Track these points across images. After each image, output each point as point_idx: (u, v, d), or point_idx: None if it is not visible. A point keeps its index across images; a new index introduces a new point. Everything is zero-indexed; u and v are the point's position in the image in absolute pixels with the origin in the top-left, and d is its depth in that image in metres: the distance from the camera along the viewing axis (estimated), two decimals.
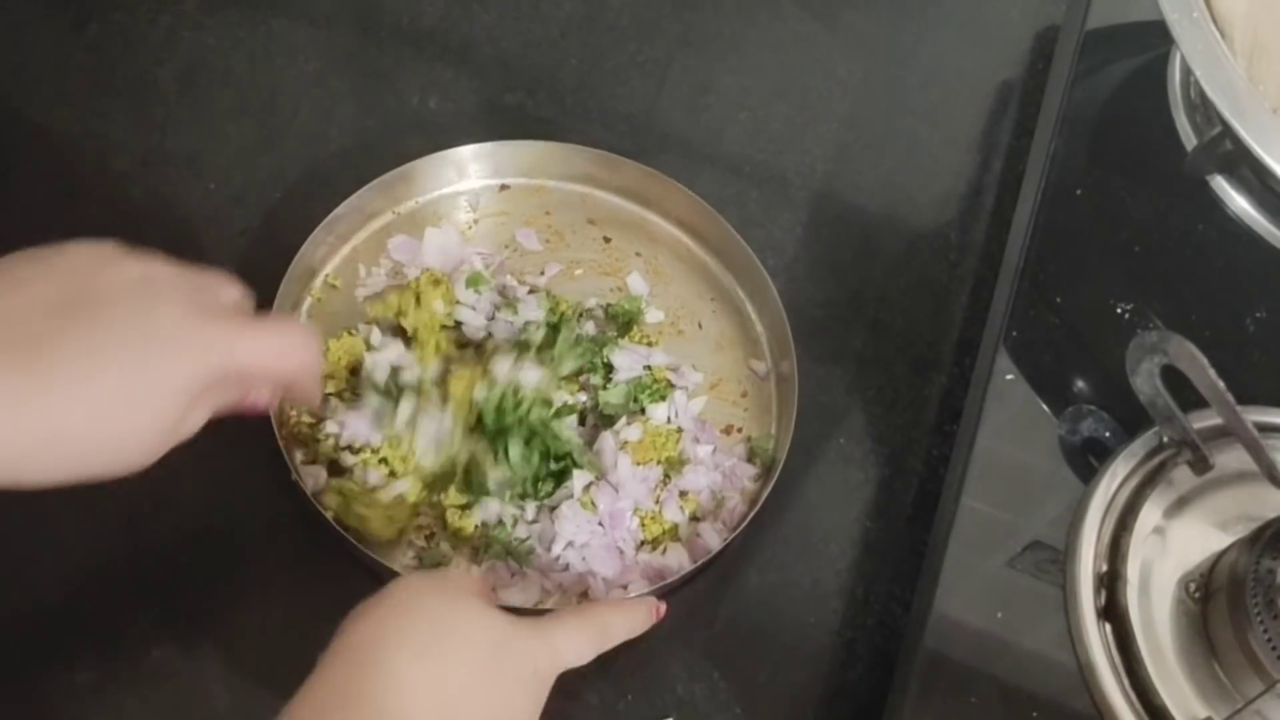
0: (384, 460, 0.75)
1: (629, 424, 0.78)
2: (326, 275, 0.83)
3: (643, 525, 0.76)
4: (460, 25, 0.98)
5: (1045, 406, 0.80)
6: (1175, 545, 0.73)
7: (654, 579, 0.74)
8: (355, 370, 0.78)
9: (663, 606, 0.69)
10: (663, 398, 0.80)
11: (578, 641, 0.63)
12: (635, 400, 0.80)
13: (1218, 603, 0.69)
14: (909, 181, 0.95)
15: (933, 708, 0.69)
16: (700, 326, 0.86)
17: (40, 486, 0.53)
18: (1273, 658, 0.65)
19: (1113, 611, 0.70)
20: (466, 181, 0.88)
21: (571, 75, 0.97)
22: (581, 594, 0.74)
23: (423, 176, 0.86)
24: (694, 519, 0.78)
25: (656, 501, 0.77)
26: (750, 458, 0.80)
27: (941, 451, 0.82)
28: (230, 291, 0.60)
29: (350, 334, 0.79)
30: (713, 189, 0.91)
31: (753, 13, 1.02)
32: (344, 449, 0.75)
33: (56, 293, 0.54)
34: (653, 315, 0.85)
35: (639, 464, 0.77)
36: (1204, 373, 0.70)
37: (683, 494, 0.78)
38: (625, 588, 0.74)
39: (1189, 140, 0.91)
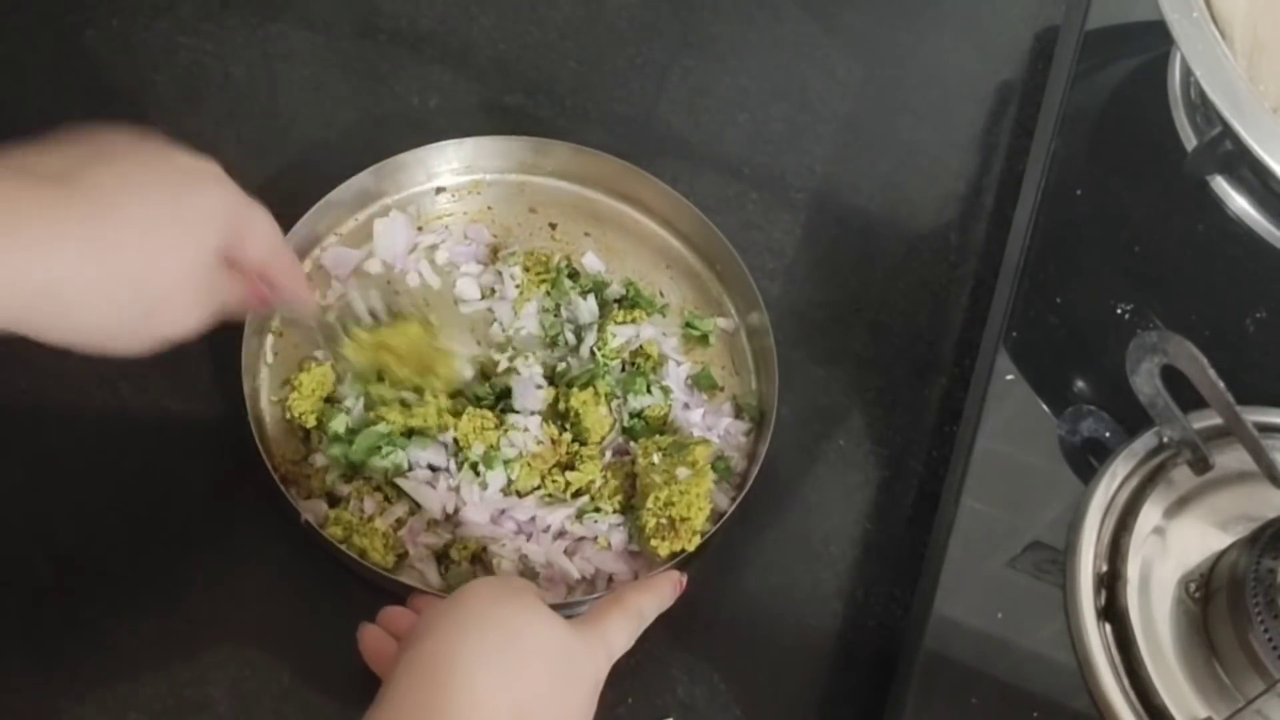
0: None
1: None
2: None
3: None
4: (459, 28, 0.98)
5: (1045, 406, 0.80)
6: (1175, 545, 0.73)
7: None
8: (329, 399, 0.77)
9: (684, 578, 0.70)
10: (654, 370, 0.82)
11: (624, 632, 0.65)
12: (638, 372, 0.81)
13: (1218, 603, 0.69)
14: (908, 182, 0.95)
15: (933, 708, 0.69)
16: (662, 294, 0.86)
17: (89, 335, 0.55)
18: (1273, 657, 0.65)
19: (1113, 611, 0.70)
20: (404, 191, 0.87)
21: (570, 77, 0.97)
22: (608, 579, 0.75)
23: (355, 195, 0.85)
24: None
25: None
26: (738, 414, 0.81)
27: (941, 452, 0.82)
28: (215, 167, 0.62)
29: (318, 364, 0.78)
30: (712, 191, 0.91)
31: (752, 14, 1.02)
32: (339, 479, 0.75)
33: (75, 148, 0.55)
34: (614, 291, 0.85)
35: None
36: (1204, 373, 0.70)
37: None
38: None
39: (1189, 140, 0.91)
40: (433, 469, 0.76)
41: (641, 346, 0.82)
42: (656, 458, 0.75)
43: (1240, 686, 0.68)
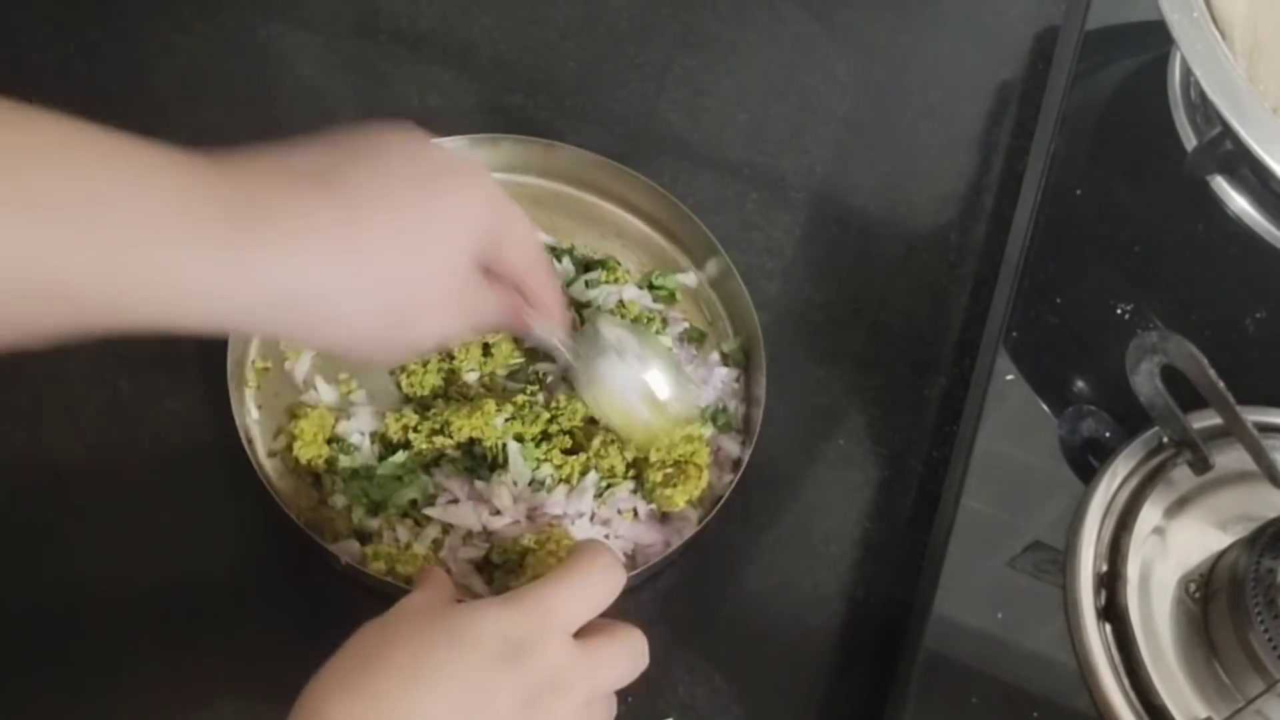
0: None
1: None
2: (253, 361, 0.78)
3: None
4: (458, 28, 0.98)
5: (1045, 406, 0.80)
6: (1175, 545, 0.73)
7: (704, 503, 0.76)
8: (331, 440, 0.75)
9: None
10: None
11: (573, 590, 0.56)
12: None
13: (1218, 603, 0.69)
14: (908, 182, 0.95)
15: (933, 708, 0.69)
16: (618, 262, 0.86)
17: (345, 341, 0.53)
18: (1273, 657, 0.65)
19: (1113, 611, 0.70)
20: None
21: (570, 78, 0.97)
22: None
23: None
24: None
25: None
26: (724, 362, 0.82)
27: (941, 452, 0.82)
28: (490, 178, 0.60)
29: (311, 408, 0.76)
30: (712, 190, 0.91)
31: (751, 14, 1.02)
32: (365, 515, 0.74)
33: (329, 146, 0.54)
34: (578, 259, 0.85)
35: None
36: (1204, 373, 0.70)
37: None
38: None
39: (1189, 140, 0.91)
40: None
41: (625, 305, 0.82)
42: None
43: (1240, 686, 0.68)
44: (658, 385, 0.74)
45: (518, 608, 0.53)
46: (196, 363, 0.78)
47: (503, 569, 0.73)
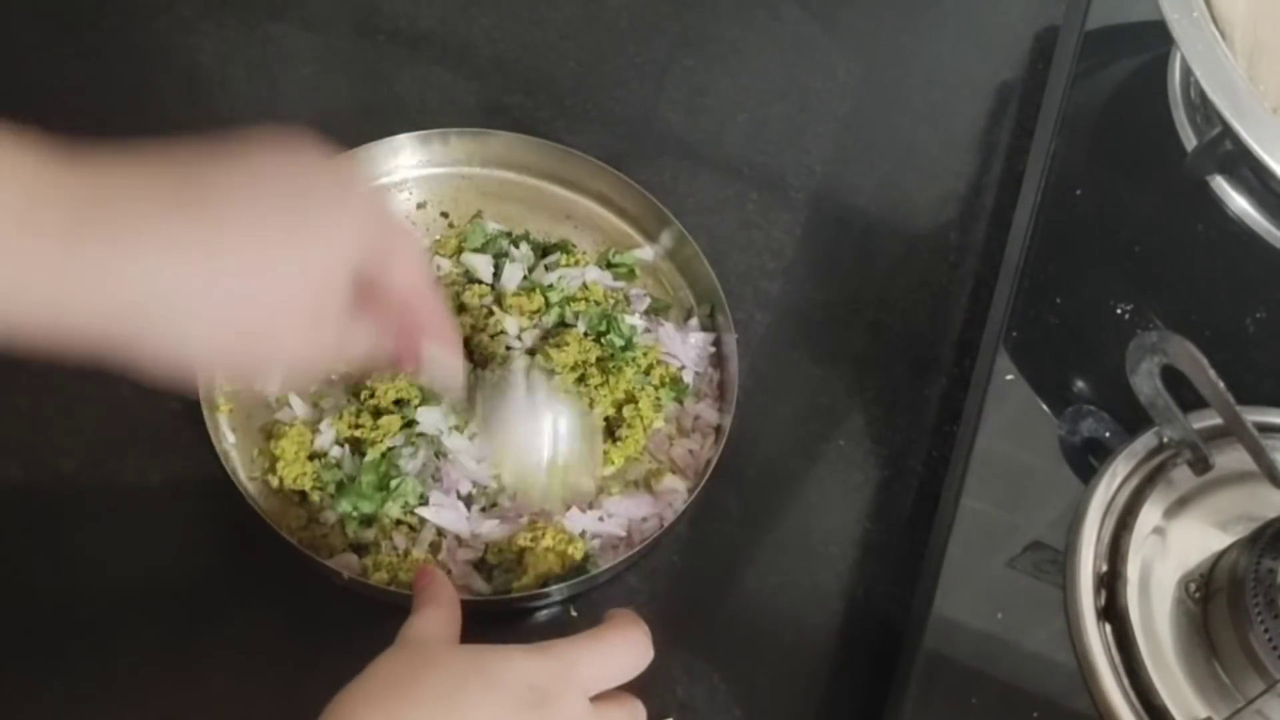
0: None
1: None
2: (221, 384, 0.77)
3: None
4: (458, 28, 0.98)
5: (1045, 406, 0.80)
6: (1175, 545, 0.73)
7: (690, 473, 0.77)
8: (313, 456, 0.75)
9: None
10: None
11: (598, 658, 0.58)
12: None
13: (1218, 603, 0.69)
14: (908, 182, 0.95)
15: (933, 708, 0.69)
16: (575, 246, 0.86)
17: (197, 352, 0.51)
18: (1273, 657, 0.65)
19: (1113, 611, 0.70)
20: None
21: (570, 77, 0.97)
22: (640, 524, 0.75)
23: None
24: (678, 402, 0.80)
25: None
26: (701, 328, 0.83)
27: (941, 452, 0.82)
28: (384, 198, 0.59)
29: (288, 425, 0.75)
30: (711, 190, 0.91)
31: (751, 14, 1.02)
32: (359, 527, 0.73)
33: (207, 153, 0.52)
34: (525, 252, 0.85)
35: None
36: (1204, 373, 0.70)
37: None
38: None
39: (1189, 140, 0.91)
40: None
41: (588, 287, 0.83)
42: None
43: (1240, 686, 0.68)
44: (559, 441, 0.74)
45: (546, 659, 0.55)
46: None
47: (500, 568, 0.73)
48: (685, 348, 0.81)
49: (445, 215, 0.87)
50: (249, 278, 0.51)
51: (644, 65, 0.98)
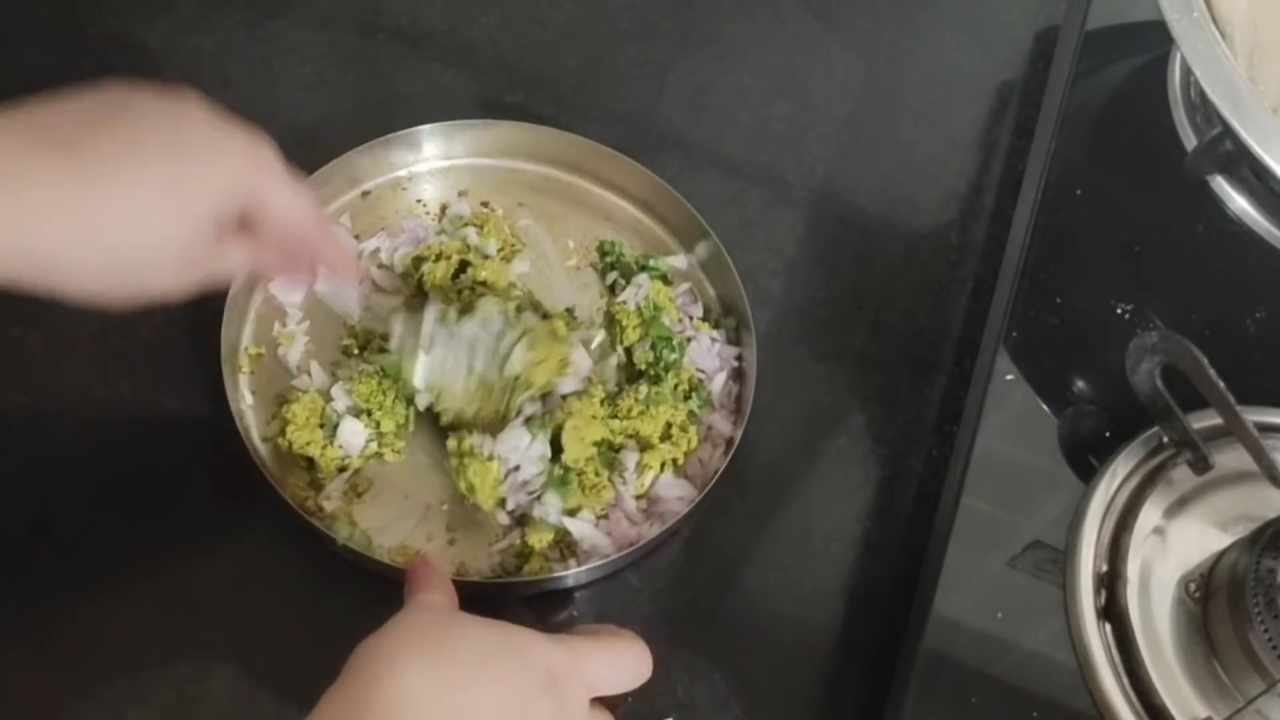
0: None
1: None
2: (246, 347, 0.80)
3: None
4: (460, 27, 0.98)
5: (1045, 406, 0.80)
6: (1175, 545, 0.73)
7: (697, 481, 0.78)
8: (323, 425, 0.76)
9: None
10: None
11: (607, 660, 0.61)
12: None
13: (1218, 603, 0.69)
14: (909, 182, 0.95)
15: (933, 708, 0.69)
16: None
17: (75, 293, 0.55)
18: (1273, 657, 0.65)
19: (1113, 611, 0.70)
20: (331, 204, 0.86)
21: (571, 76, 0.97)
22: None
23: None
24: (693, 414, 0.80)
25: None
26: (728, 340, 0.84)
27: (942, 452, 0.82)
28: (264, 141, 0.61)
29: (303, 392, 0.77)
30: (713, 189, 0.91)
31: (752, 13, 1.02)
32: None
33: (90, 105, 0.56)
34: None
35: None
36: (1204, 373, 0.70)
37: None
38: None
39: (1189, 140, 0.91)
40: None
41: (652, 300, 0.83)
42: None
43: (1240, 686, 0.68)
44: (478, 352, 0.77)
45: (561, 648, 0.58)
46: (196, 362, 0.78)
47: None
48: (711, 358, 0.82)
49: (486, 204, 0.88)
50: (125, 229, 0.55)
51: (645, 64, 0.98)
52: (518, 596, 0.74)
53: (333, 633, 0.55)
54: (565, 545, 0.74)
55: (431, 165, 0.89)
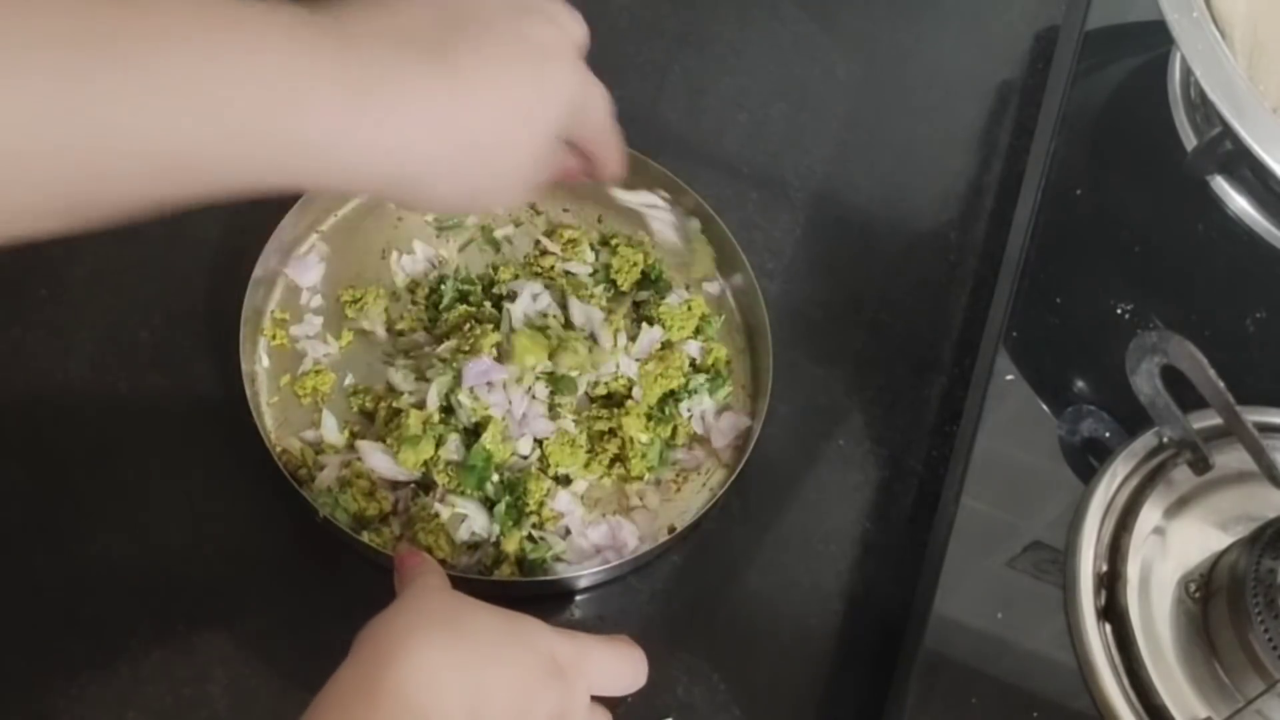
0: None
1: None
2: (273, 311, 0.81)
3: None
4: None
5: (1045, 406, 0.80)
6: (1175, 545, 0.73)
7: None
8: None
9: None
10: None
11: (609, 658, 0.62)
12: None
13: (1218, 603, 0.69)
14: (908, 182, 0.95)
15: (933, 708, 0.69)
16: None
17: (430, 204, 0.57)
18: (1273, 657, 0.65)
19: (1113, 611, 0.70)
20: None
21: None
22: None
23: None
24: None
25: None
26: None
27: (941, 452, 0.82)
28: (579, 26, 0.61)
29: (318, 371, 0.79)
30: (712, 190, 0.90)
31: (751, 14, 1.02)
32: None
33: (437, 12, 0.55)
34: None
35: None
36: (1204, 373, 0.70)
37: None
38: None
39: (1189, 140, 0.91)
40: None
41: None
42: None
43: (1240, 686, 0.68)
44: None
45: (566, 641, 0.59)
46: (197, 361, 0.79)
47: None
48: (717, 432, 0.81)
49: (532, 206, 0.88)
50: (490, 140, 0.55)
51: (644, 65, 0.98)
52: (517, 596, 0.74)
53: (327, 629, 0.55)
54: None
55: None
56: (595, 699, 0.60)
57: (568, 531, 0.76)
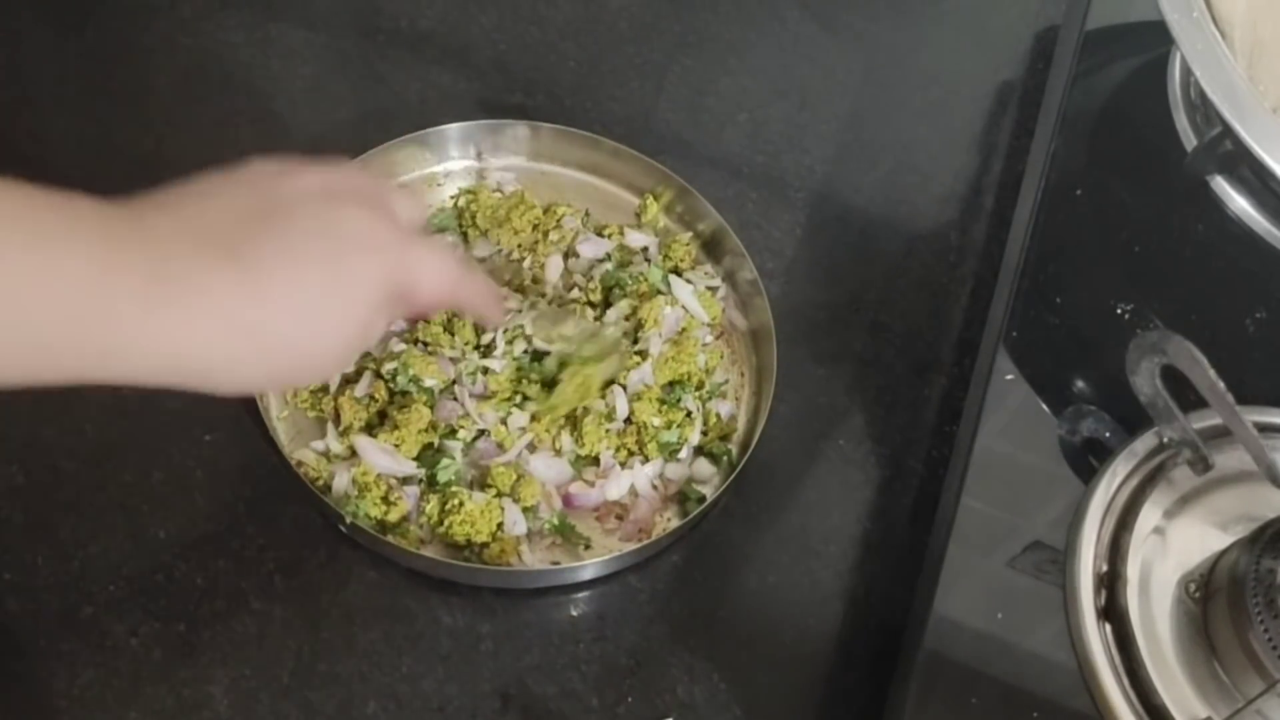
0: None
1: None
2: None
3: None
4: (459, 28, 0.98)
5: (1045, 406, 0.80)
6: (1175, 545, 0.73)
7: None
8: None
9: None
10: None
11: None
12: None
13: (1218, 603, 0.69)
14: (908, 182, 0.95)
15: (933, 708, 0.69)
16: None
17: (230, 390, 0.55)
18: (1273, 657, 0.65)
19: (1113, 611, 0.70)
20: None
21: (570, 77, 0.97)
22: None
23: None
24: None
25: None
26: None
27: (941, 452, 0.82)
28: (404, 205, 0.61)
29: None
30: (712, 190, 0.91)
31: (751, 14, 1.02)
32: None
33: (244, 203, 0.55)
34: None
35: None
36: (1204, 373, 0.70)
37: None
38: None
39: (1189, 140, 0.91)
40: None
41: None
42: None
43: (1240, 686, 0.68)
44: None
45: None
46: None
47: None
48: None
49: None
50: (289, 336, 0.54)
51: (644, 65, 0.98)
52: (519, 589, 0.74)
53: (327, 629, 0.55)
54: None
55: (464, 165, 0.90)
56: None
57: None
